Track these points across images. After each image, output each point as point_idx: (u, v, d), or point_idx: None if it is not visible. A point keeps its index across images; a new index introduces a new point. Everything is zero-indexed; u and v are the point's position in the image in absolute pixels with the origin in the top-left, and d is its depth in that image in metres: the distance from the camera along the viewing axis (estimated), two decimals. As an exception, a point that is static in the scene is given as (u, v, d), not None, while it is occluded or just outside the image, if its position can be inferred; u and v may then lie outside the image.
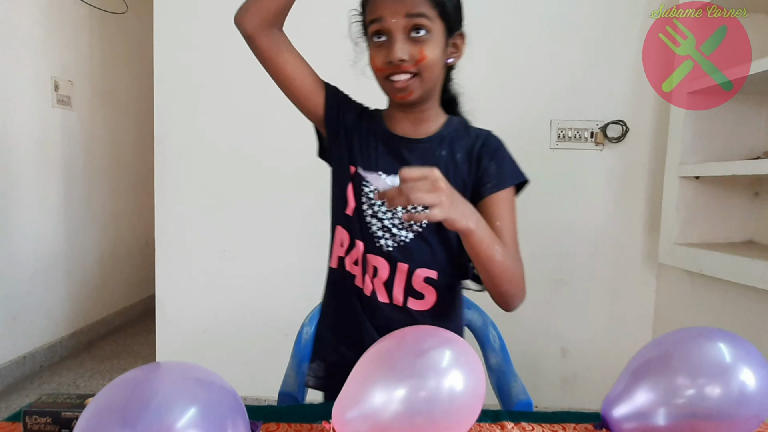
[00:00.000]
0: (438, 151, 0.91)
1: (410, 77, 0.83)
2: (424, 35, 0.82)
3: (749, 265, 1.45)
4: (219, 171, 2.04)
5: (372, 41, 0.85)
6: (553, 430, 0.80)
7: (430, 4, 0.82)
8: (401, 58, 0.81)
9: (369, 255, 0.91)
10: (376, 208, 0.90)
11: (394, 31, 0.81)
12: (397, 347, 0.74)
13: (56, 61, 2.68)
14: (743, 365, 0.72)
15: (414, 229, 0.90)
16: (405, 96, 0.85)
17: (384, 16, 0.81)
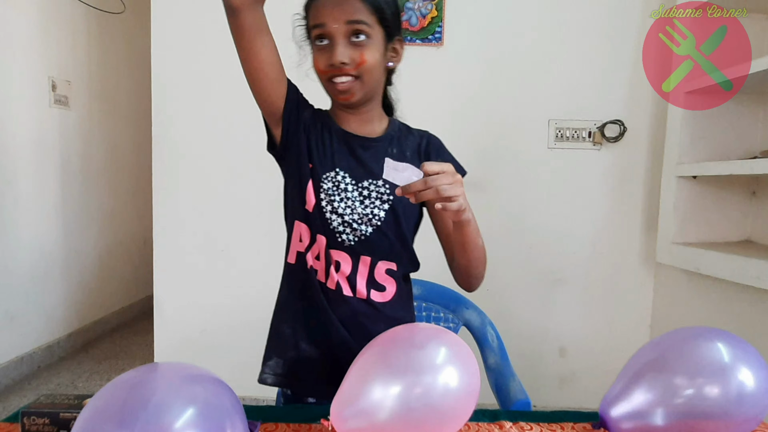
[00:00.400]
0: (389, 149, 0.95)
1: (351, 80, 0.87)
2: (364, 40, 0.85)
3: (746, 264, 1.46)
4: (217, 170, 2.04)
5: (315, 45, 0.89)
6: (551, 429, 0.80)
7: (370, 10, 0.85)
8: (342, 61, 0.84)
9: (331, 250, 0.92)
10: (335, 204, 0.91)
11: (335, 35, 0.85)
12: (393, 345, 0.74)
13: (54, 61, 2.67)
14: (742, 365, 0.73)
15: (373, 223, 0.92)
16: (347, 98, 0.89)
17: (326, 22, 0.84)
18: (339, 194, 0.92)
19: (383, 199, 0.93)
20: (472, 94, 1.99)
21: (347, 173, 0.93)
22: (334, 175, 0.92)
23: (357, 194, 0.92)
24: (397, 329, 0.78)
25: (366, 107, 0.94)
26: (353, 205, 0.92)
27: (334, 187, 0.92)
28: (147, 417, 0.48)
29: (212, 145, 2.03)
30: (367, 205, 0.92)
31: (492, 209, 2.01)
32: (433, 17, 1.94)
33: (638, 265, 2.03)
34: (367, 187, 0.93)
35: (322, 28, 0.85)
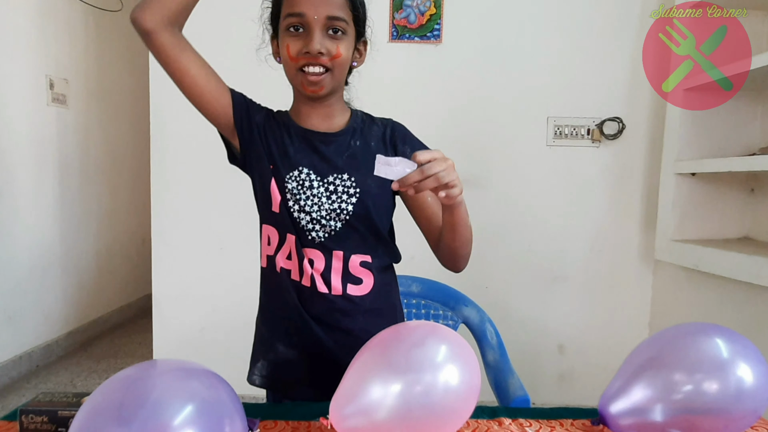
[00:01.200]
0: (352, 142, 0.94)
1: (324, 72, 0.86)
2: (339, 35, 0.86)
3: (745, 261, 1.46)
4: (215, 168, 2.03)
5: (287, 32, 0.87)
6: (551, 426, 0.80)
7: (348, 8, 0.87)
8: (320, 50, 0.84)
9: (303, 248, 0.92)
10: (302, 202, 0.91)
11: (313, 26, 0.84)
12: (393, 343, 0.74)
13: (51, 60, 2.66)
14: (740, 361, 0.73)
15: (342, 217, 0.92)
16: (316, 90, 0.88)
17: (305, 12, 0.84)
18: (305, 192, 0.91)
19: (350, 192, 0.92)
20: (470, 91, 1.98)
21: (311, 170, 0.92)
22: (297, 174, 0.92)
23: (323, 190, 0.91)
24: (398, 327, 0.78)
25: (329, 101, 0.93)
26: (320, 202, 0.91)
27: (299, 186, 0.91)
28: (145, 414, 0.48)
29: (210, 143, 2.01)
30: (334, 200, 0.91)
31: (490, 206, 2.01)
32: (432, 14, 1.93)
33: (637, 262, 2.03)
34: (333, 182, 0.92)
35: (301, 17, 0.84)
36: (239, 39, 1.79)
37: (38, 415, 0.72)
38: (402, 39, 1.96)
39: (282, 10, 0.88)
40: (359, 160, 0.93)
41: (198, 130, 2.06)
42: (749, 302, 1.55)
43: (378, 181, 0.87)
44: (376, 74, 1.98)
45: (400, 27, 1.95)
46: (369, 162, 0.87)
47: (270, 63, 0.95)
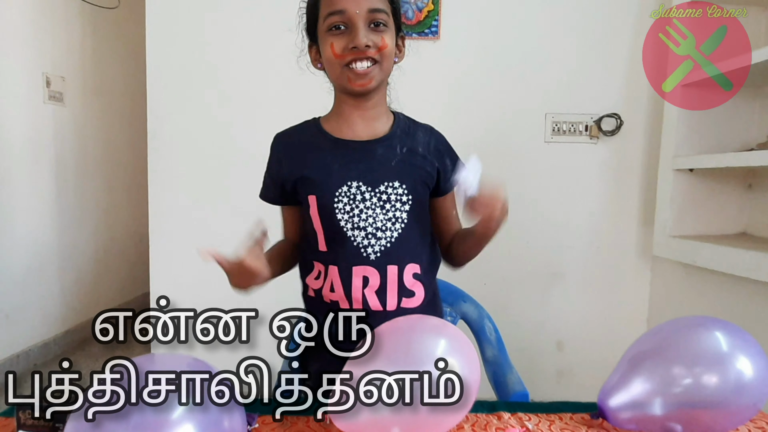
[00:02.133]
0: (399, 148, 0.92)
1: (372, 64, 0.85)
2: (382, 27, 0.85)
3: (743, 256, 1.46)
4: (213, 165, 2.03)
5: (329, 32, 0.86)
6: (550, 420, 0.80)
7: (387, 1, 0.87)
8: (366, 43, 0.83)
9: (356, 267, 0.90)
10: (356, 218, 0.89)
11: (356, 21, 0.83)
12: (392, 337, 0.74)
13: (47, 57, 2.65)
14: (740, 354, 0.73)
15: (397, 227, 0.91)
16: (365, 83, 0.86)
17: (346, 9, 0.83)
18: (357, 206, 0.89)
19: (403, 200, 0.90)
20: (468, 87, 1.98)
21: (361, 182, 0.89)
22: (347, 190, 0.89)
23: (376, 200, 0.89)
24: (397, 321, 0.78)
25: (374, 100, 0.91)
26: (374, 214, 0.89)
27: (350, 200, 0.89)
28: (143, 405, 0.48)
29: (208, 140, 2.02)
30: (389, 210, 0.90)
31: (489, 203, 2.00)
32: (430, 11, 1.93)
33: (635, 258, 2.03)
34: (385, 191, 0.90)
35: (342, 15, 0.83)
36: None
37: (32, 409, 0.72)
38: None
39: (321, 12, 0.87)
40: (408, 166, 0.91)
41: (195, 127, 2.06)
42: (747, 297, 1.55)
43: (424, 186, 0.92)
44: (373, 71, 1.99)
45: (398, 23, 1.95)
46: (417, 167, 0.92)
47: (311, 70, 0.95)
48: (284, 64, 1.97)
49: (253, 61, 1.97)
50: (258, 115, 1.99)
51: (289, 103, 1.99)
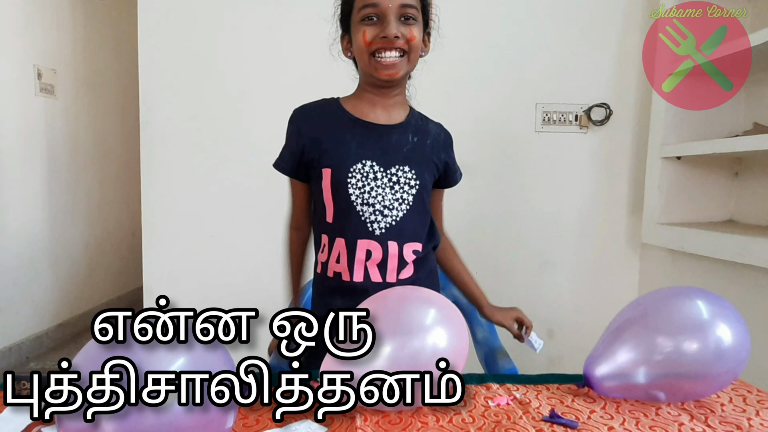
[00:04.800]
0: (411, 136, 0.99)
1: (399, 55, 0.91)
2: (411, 21, 0.91)
3: (728, 240, 1.49)
4: (206, 157, 2.03)
5: (362, 22, 0.91)
6: (537, 390, 0.82)
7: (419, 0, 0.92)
8: (396, 34, 0.89)
9: (360, 241, 0.96)
10: (366, 195, 0.95)
11: (388, 14, 0.89)
12: (382, 307, 0.75)
13: (39, 49, 2.64)
14: (720, 322, 0.75)
15: (403, 208, 0.97)
16: (392, 74, 0.91)
17: (380, 2, 0.89)
18: (369, 183, 0.95)
19: (411, 184, 0.97)
20: (459, 77, 1.99)
21: (374, 162, 0.95)
22: (361, 167, 0.95)
23: (387, 180, 0.96)
24: (385, 292, 0.79)
25: (396, 90, 0.98)
26: (384, 192, 0.96)
27: (363, 177, 0.95)
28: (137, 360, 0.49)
29: (201, 132, 2.02)
30: (397, 191, 0.97)
31: (479, 192, 2.02)
32: (421, 1, 1.94)
33: (624, 246, 2.06)
34: (395, 174, 0.96)
35: (375, 7, 0.89)
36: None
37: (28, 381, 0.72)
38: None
39: (356, 4, 0.92)
40: (418, 154, 0.99)
41: (188, 120, 2.06)
42: (733, 281, 1.58)
43: (431, 174, 1.01)
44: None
45: (390, 14, 1.96)
46: (426, 156, 1.00)
47: (342, 58, 1.01)
48: (280, 56, 1.99)
49: (246, 51, 1.98)
50: (252, 107, 2.00)
51: (283, 92, 1.99)
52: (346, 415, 0.72)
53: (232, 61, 1.99)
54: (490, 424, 0.70)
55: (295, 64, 1.97)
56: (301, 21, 1.97)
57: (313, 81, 2.00)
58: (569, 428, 0.69)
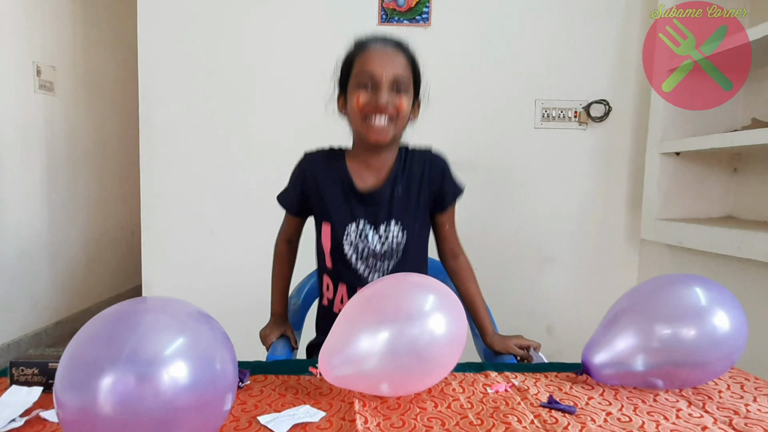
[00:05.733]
0: (396, 190, 1.05)
1: (388, 121, 0.98)
2: (403, 91, 0.98)
3: (727, 235, 1.49)
4: (205, 154, 2.03)
5: (358, 87, 0.98)
6: (536, 378, 0.82)
7: (410, 70, 1.00)
8: (386, 104, 0.96)
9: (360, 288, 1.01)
10: (359, 251, 1.05)
11: (381, 84, 0.96)
12: (381, 293, 0.75)
13: (38, 46, 2.64)
14: (717, 308, 0.75)
15: (395, 257, 1.06)
16: (381, 138, 0.99)
17: (374, 72, 0.96)
18: (363, 241, 1.04)
19: (399, 239, 1.05)
20: (459, 74, 2.00)
21: (366, 220, 1.05)
22: (355, 227, 1.05)
23: (378, 238, 1.05)
24: (385, 278, 0.79)
25: (386, 152, 1.05)
26: (375, 248, 1.05)
27: (357, 236, 1.05)
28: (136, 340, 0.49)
29: (200, 130, 2.02)
30: (387, 245, 1.05)
31: (479, 188, 2.02)
32: (421, -2, 1.95)
33: (623, 243, 2.06)
34: (385, 231, 1.05)
35: (370, 76, 0.96)
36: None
37: (29, 367, 0.73)
38: (391, 22, 1.97)
39: (353, 70, 0.99)
40: (404, 206, 1.06)
41: (187, 117, 2.06)
42: (732, 275, 1.58)
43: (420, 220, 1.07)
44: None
45: (389, 10, 1.96)
46: (412, 205, 1.06)
47: (336, 115, 1.08)
48: (278, 51, 1.99)
49: (246, 48, 1.98)
50: (251, 103, 2.00)
51: (283, 89, 2.00)
52: (344, 400, 0.72)
53: (232, 58, 2.00)
54: (489, 410, 0.70)
55: (294, 61, 1.98)
56: (301, 18, 1.97)
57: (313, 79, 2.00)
58: (567, 413, 0.69)
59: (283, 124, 2.01)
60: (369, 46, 0.99)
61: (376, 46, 0.99)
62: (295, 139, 2.03)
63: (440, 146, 2.07)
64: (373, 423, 0.65)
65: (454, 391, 0.76)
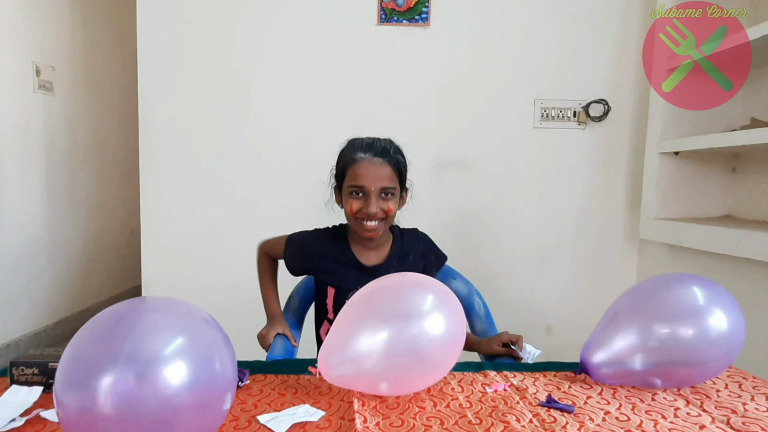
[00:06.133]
0: (395, 269, 1.16)
1: (378, 223, 1.10)
2: (390, 196, 1.11)
3: (726, 234, 1.49)
4: (204, 155, 2.03)
5: (350, 195, 1.11)
6: (534, 377, 0.82)
7: (396, 177, 1.12)
8: (376, 212, 1.08)
9: None
10: None
11: (371, 193, 1.08)
12: (380, 293, 0.75)
13: (37, 46, 2.63)
14: (715, 307, 0.75)
15: None
16: (372, 235, 1.12)
17: (365, 184, 1.08)
18: None
19: None
20: (458, 73, 2.00)
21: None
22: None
23: None
24: (384, 278, 0.79)
25: (380, 240, 1.17)
26: None
27: None
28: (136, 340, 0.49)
29: (199, 130, 2.02)
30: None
31: (478, 188, 2.03)
32: (420, -2, 1.95)
33: (622, 242, 2.06)
34: None
35: (362, 187, 1.08)
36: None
37: (29, 367, 0.73)
38: (390, 22, 1.97)
39: (345, 180, 1.12)
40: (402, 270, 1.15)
41: (187, 117, 2.06)
42: (731, 274, 1.58)
43: None
44: (364, 57, 2.00)
45: (389, 10, 1.96)
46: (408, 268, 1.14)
47: (335, 210, 1.20)
48: (277, 51, 1.99)
49: (245, 48, 1.98)
50: (250, 102, 2.00)
51: (282, 90, 2.00)
52: (343, 399, 0.73)
53: (231, 58, 2.00)
54: (487, 409, 0.70)
55: (293, 61, 1.98)
56: (300, 18, 1.97)
57: (313, 78, 2.01)
58: (566, 413, 0.69)
59: (282, 125, 2.01)
60: (359, 159, 1.11)
61: (365, 158, 1.11)
62: (293, 138, 2.04)
63: (439, 146, 2.07)
64: (372, 422, 0.66)
65: (453, 390, 0.76)
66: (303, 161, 2.01)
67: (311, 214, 2.03)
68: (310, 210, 2.04)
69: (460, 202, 2.04)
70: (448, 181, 2.01)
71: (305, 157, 2.00)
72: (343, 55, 1.98)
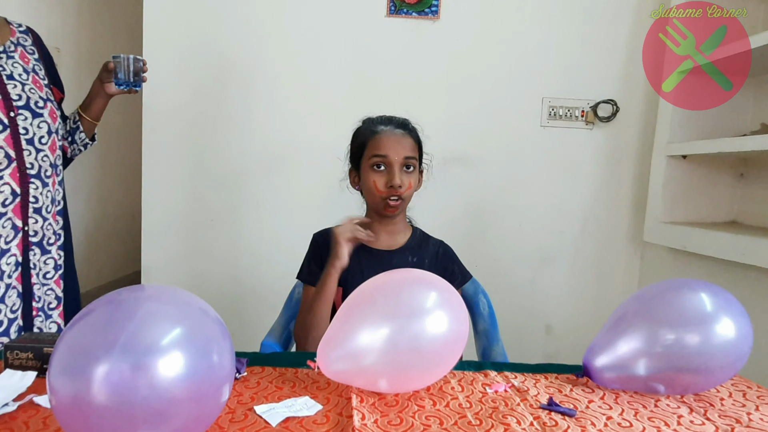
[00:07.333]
0: (410, 258, 1.16)
1: (399, 200, 1.09)
2: (411, 170, 1.11)
3: (732, 240, 1.47)
4: (206, 141, 2.01)
5: (372, 169, 1.09)
6: (536, 378, 0.81)
7: (416, 148, 1.13)
8: (399, 184, 1.07)
9: None
10: None
11: (394, 165, 1.08)
12: (383, 288, 0.74)
13: (43, 28, 2.59)
14: (722, 314, 0.74)
15: None
16: (394, 211, 1.11)
17: (388, 154, 1.08)
18: None
19: None
20: (466, 69, 1.98)
21: None
22: None
23: None
24: (386, 274, 0.78)
25: (397, 219, 1.15)
26: None
27: None
28: (133, 329, 0.48)
29: (202, 116, 2.01)
30: None
31: (483, 185, 2.01)
32: (430, -10, 1.92)
33: (626, 244, 2.05)
34: None
35: (384, 158, 1.08)
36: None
37: (23, 351, 0.72)
38: (400, 14, 1.95)
39: (366, 151, 1.10)
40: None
41: (190, 104, 2.04)
42: (735, 281, 1.57)
43: None
44: (373, 48, 1.98)
45: (398, 2, 1.94)
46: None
47: (349, 189, 1.19)
48: (284, 42, 1.97)
49: (251, 38, 1.96)
50: (254, 91, 1.98)
51: (287, 81, 1.98)
52: (342, 395, 0.72)
53: (236, 47, 1.98)
54: (488, 410, 0.69)
55: (299, 53, 1.96)
56: (308, 9, 1.95)
57: (319, 69, 1.99)
58: (567, 416, 0.68)
59: (287, 115, 2.00)
60: (381, 130, 1.11)
61: (387, 130, 1.11)
62: (298, 129, 2.02)
63: (445, 141, 2.05)
64: (370, 419, 0.64)
65: (453, 389, 0.75)
66: (307, 152, 1.99)
67: (314, 205, 2.02)
68: (313, 201, 2.03)
69: (464, 198, 2.03)
70: (452, 176, 1.99)
71: (309, 149, 1.99)
72: (350, 46, 1.96)
